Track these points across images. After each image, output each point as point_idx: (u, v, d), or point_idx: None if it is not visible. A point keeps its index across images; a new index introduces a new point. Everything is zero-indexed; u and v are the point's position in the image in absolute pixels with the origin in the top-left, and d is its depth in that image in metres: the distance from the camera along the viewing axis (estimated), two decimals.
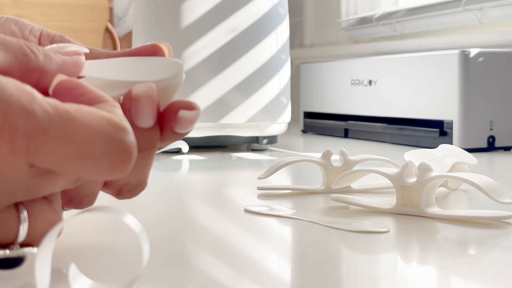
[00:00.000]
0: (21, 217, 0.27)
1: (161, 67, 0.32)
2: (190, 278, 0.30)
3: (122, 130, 0.25)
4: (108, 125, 0.24)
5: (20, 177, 0.24)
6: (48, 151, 0.23)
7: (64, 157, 0.24)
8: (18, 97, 0.23)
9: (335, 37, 1.51)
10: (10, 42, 0.28)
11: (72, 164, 0.24)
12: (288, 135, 1.17)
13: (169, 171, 0.72)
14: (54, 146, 0.23)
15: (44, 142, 0.23)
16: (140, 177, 0.31)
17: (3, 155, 0.23)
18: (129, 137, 0.25)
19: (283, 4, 0.92)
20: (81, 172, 0.24)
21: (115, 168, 0.24)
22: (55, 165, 0.24)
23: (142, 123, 0.29)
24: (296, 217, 0.43)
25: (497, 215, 0.40)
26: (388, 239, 0.37)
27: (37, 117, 0.23)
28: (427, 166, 0.43)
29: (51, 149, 0.23)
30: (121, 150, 0.24)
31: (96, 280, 0.27)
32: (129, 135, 0.25)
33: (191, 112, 0.30)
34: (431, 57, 0.91)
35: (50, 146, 0.23)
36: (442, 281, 0.30)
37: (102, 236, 0.39)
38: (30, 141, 0.23)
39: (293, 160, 0.55)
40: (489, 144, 0.87)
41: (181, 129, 0.30)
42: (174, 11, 0.85)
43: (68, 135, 0.23)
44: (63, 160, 0.24)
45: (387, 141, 1.01)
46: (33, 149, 0.23)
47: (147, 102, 0.29)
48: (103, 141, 0.24)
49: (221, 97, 0.85)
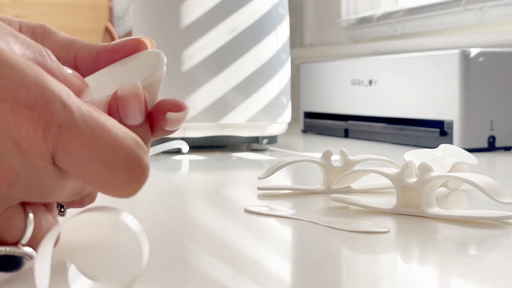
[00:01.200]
0: (28, 218, 0.27)
1: (144, 63, 0.32)
2: (190, 278, 0.30)
3: (142, 149, 0.26)
4: (132, 141, 0.26)
5: (41, 170, 0.25)
6: (74, 148, 0.24)
7: (87, 158, 0.24)
8: (58, 90, 0.24)
9: (335, 37, 1.51)
10: (31, 43, 0.29)
11: (91, 168, 0.25)
12: (288, 135, 1.17)
13: (169, 171, 0.72)
14: (81, 145, 0.24)
15: (73, 137, 0.24)
16: None
17: (37, 140, 0.24)
18: (147, 158, 0.26)
19: (283, 4, 0.92)
20: (97, 179, 0.25)
21: (129, 183, 0.25)
22: (75, 164, 0.25)
23: (131, 121, 0.30)
24: (296, 217, 0.43)
25: (497, 215, 0.40)
26: (388, 239, 0.37)
27: (73, 112, 0.24)
28: (428, 166, 0.43)
29: (78, 146, 0.24)
30: (139, 166, 0.25)
31: (96, 280, 0.27)
32: (147, 156, 0.26)
33: (178, 114, 0.31)
34: (431, 57, 0.91)
35: (78, 143, 0.24)
36: (442, 281, 0.30)
37: (102, 236, 0.39)
38: (62, 132, 0.24)
39: (293, 160, 0.55)
40: (490, 144, 0.87)
41: (171, 127, 0.31)
42: (174, 11, 0.85)
43: (95, 138, 0.24)
44: (85, 161, 0.24)
45: (387, 141, 1.01)
46: (63, 141, 0.24)
47: (133, 101, 0.29)
48: (125, 153, 0.25)
49: (221, 97, 0.85)
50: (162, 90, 0.32)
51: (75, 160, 0.24)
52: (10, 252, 0.27)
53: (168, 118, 0.30)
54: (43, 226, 0.28)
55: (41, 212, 0.28)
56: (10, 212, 0.26)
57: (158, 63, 0.32)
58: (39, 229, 0.28)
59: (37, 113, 0.24)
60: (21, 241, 0.27)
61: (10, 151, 0.24)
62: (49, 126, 0.24)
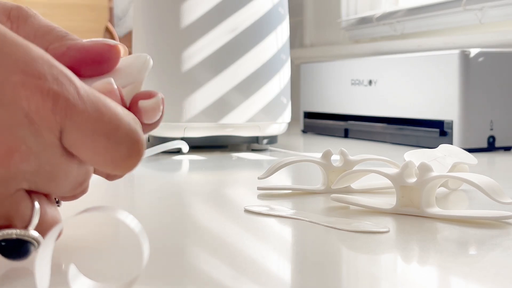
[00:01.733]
0: (34, 207, 0.28)
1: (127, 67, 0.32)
2: (190, 278, 0.30)
3: (139, 126, 0.27)
4: (131, 117, 0.27)
5: (49, 145, 0.26)
6: (81, 122, 0.25)
7: (92, 132, 0.26)
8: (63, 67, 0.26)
9: (335, 37, 1.51)
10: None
11: (96, 141, 0.26)
12: (288, 135, 1.17)
13: (169, 171, 0.72)
14: (87, 119, 0.25)
15: (80, 111, 0.25)
16: None
17: (46, 112, 0.25)
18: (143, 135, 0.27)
19: (283, 4, 0.92)
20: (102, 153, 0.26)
21: (130, 156, 0.26)
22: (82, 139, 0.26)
23: None
24: (296, 217, 0.43)
25: (497, 215, 0.40)
26: (388, 239, 0.37)
27: (78, 88, 0.26)
28: (427, 166, 0.43)
29: (84, 120, 0.25)
30: (139, 140, 0.27)
31: (96, 280, 0.27)
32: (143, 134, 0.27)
33: (150, 101, 0.31)
34: (431, 57, 0.91)
35: (84, 117, 0.25)
36: (442, 281, 0.30)
37: (102, 236, 0.39)
38: (69, 106, 0.25)
39: (293, 160, 0.55)
40: (489, 144, 0.87)
41: (148, 119, 0.31)
42: (174, 11, 0.85)
43: (100, 112, 0.26)
44: (91, 134, 0.26)
45: (387, 141, 1.01)
46: (71, 115, 0.25)
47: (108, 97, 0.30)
48: (127, 127, 0.26)
49: (221, 97, 0.85)
50: (162, 91, 0.32)
51: (82, 135, 0.26)
52: (19, 235, 0.27)
53: (141, 107, 0.31)
54: (48, 216, 0.28)
55: (45, 203, 0.28)
56: (19, 195, 0.27)
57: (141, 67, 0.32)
58: (44, 218, 0.28)
59: (47, 84, 0.25)
60: (29, 227, 0.27)
61: (22, 124, 0.25)
62: (58, 98, 0.25)
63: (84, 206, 0.26)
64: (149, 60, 0.33)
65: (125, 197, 0.57)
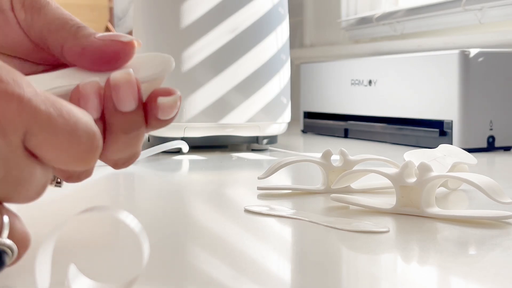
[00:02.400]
0: (4, 220, 0.27)
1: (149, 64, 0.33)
2: (190, 278, 0.30)
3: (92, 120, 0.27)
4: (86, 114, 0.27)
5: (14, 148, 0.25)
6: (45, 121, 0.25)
7: (56, 130, 0.26)
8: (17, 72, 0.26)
9: (335, 37, 1.51)
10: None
11: (61, 138, 0.26)
12: (288, 135, 1.17)
13: (169, 171, 0.72)
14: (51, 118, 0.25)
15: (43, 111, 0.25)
16: (132, 152, 0.33)
17: (11, 115, 0.25)
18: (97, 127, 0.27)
19: (283, 4, 0.92)
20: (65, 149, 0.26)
21: (90, 150, 0.26)
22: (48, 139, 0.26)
23: (124, 107, 0.31)
24: (296, 217, 0.43)
25: (497, 215, 0.40)
26: (388, 239, 0.37)
27: (36, 90, 0.26)
28: (427, 166, 0.43)
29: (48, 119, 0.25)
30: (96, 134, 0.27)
31: (96, 280, 0.27)
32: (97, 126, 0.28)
33: (169, 98, 0.31)
34: (431, 57, 0.91)
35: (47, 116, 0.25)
36: (442, 281, 0.30)
37: (102, 236, 0.39)
38: (33, 107, 0.25)
39: (293, 160, 0.55)
40: (489, 144, 0.87)
41: (164, 115, 0.32)
42: (174, 11, 0.85)
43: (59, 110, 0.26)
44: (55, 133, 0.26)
45: (387, 141, 1.01)
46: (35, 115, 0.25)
47: (126, 87, 0.30)
48: (84, 124, 0.26)
49: (221, 97, 0.85)
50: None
51: (47, 134, 0.25)
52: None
53: (160, 103, 0.31)
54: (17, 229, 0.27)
55: (12, 216, 0.27)
56: None
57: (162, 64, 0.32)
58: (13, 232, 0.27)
59: (9, 87, 0.25)
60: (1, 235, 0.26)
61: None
62: (22, 100, 0.25)
63: (84, 206, 0.26)
64: (173, 62, 0.33)
65: (125, 197, 0.57)
